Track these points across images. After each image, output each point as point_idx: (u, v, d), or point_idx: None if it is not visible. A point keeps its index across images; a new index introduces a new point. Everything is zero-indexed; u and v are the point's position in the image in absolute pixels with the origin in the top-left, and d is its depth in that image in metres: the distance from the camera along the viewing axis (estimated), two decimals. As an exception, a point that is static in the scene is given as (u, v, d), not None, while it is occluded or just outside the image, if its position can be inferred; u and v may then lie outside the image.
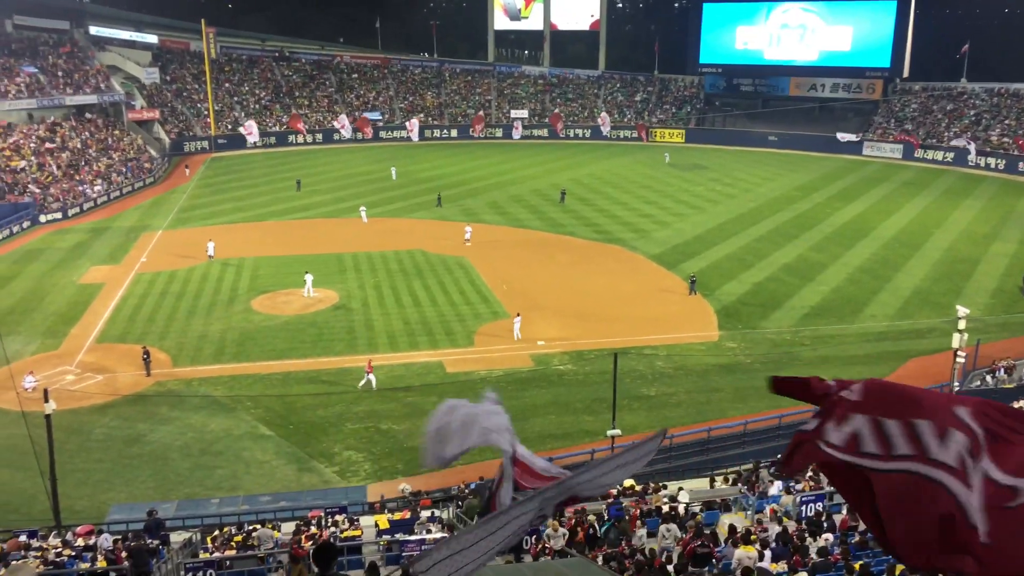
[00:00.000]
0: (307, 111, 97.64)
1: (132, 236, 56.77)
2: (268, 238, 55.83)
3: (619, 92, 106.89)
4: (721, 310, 42.13)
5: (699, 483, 26.14)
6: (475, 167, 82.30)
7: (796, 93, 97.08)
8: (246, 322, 40.51)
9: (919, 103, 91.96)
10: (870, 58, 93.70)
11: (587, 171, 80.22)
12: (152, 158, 79.91)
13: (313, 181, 74.00)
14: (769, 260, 50.36)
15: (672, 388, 34.19)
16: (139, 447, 29.67)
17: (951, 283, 45.82)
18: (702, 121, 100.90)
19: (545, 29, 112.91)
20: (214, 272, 48.19)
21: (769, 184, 74.00)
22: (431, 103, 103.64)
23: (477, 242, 53.27)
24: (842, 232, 56.69)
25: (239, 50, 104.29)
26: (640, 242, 54.54)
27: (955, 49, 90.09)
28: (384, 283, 46.18)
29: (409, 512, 23.61)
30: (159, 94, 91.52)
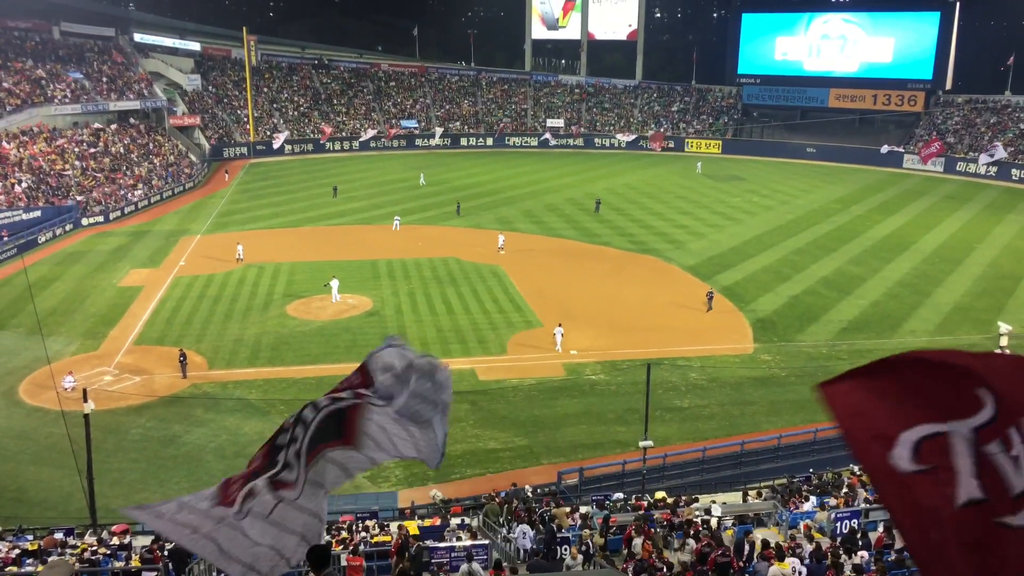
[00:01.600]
0: (344, 119, 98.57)
1: (171, 240, 57.64)
2: (304, 244, 56.37)
3: (656, 102, 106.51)
4: (756, 323, 41.67)
5: (732, 496, 25.82)
6: (510, 175, 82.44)
7: (836, 104, 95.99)
8: (281, 327, 40.88)
9: (962, 115, 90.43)
10: (912, 70, 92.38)
11: (622, 181, 79.97)
12: (192, 163, 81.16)
13: (349, 188, 74.63)
14: (807, 273, 49.74)
15: (705, 400, 33.87)
16: (174, 448, 30.03)
17: (993, 299, 44.89)
18: (739, 132, 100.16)
19: (582, 38, 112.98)
20: (250, 276, 48.74)
21: (807, 196, 73.17)
22: (467, 111, 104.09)
23: (511, 250, 53.31)
24: (881, 246, 55.84)
25: (279, 57, 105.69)
26: (675, 253, 54.19)
27: (1000, 61, 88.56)
28: (418, 290, 46.36)
29: (439, 519, 23.60)
30: (200, 100, 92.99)
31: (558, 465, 28.77)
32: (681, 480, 28.76)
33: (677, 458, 29.23)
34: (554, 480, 27.85)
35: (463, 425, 31.63)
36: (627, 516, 22.87)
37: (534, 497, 25.32)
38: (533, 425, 31.81)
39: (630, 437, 29.53)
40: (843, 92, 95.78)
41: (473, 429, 31.36)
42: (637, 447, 27.60)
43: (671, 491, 26.07)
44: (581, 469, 27.89)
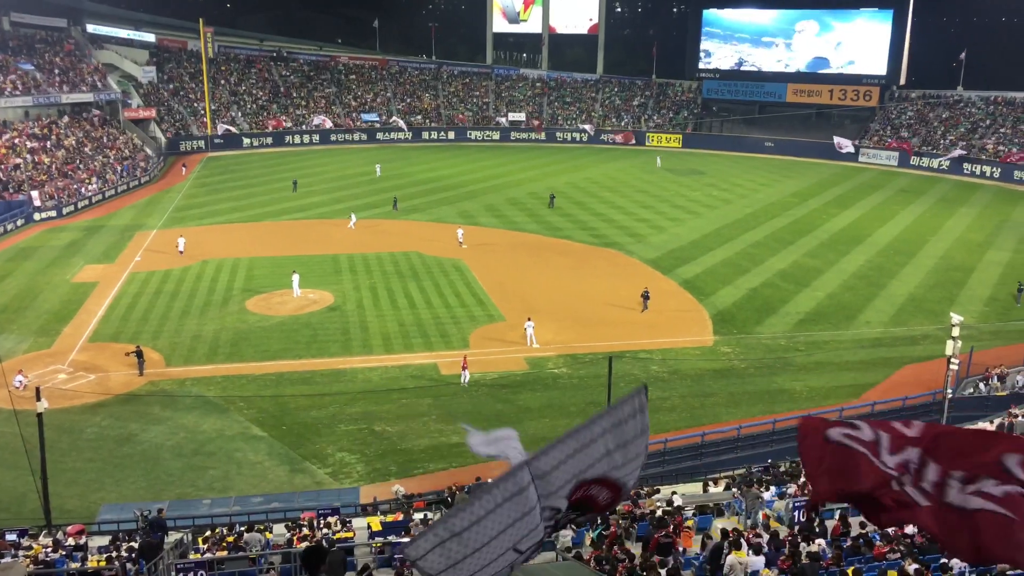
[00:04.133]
0: (304, 112, 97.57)
1: (126, 235, 56.63)
2: (263, 238, 55.73)
3: (617, 96, 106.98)
4: (716, 315, 42.13)
5: (693, 487, 26.12)
6: (471, 169, 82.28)
7: (793, 99, 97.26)
8: (240, 322, 40.40)
9: (915, 111, 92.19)
10: (867, 65, 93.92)
11: (584, 175, 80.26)
12: (148, 157, 79.74)
13: (309, 182, 73.90)
14: (765, 266, 50.39)
15: (666, 392, 34.16)
16: (131, 447, 29.56)
17: (945, 291, 45.90)
18: (699, 126, 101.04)
19: (543, 32, 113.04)
20: (208, 272, 48.08)
21: (766, 190, 74.10)
22: (428, 105, 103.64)
23: (473, 244, 53.24)
24: (837, 239, 56.77)
25: (237, 50, 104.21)
26: (636, 246, 54.55)
27: (952, 57, 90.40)
28: (379, 284, 46.12)
29: (402, 514, 23.53)
30: (156, 93, 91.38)
31: (521, 458, 28.76)
32: (643, 472, 28.95)
33: (639, 450, 29.40)
34: (517, 473, 27.85)
35: (425, 420, 31.57)
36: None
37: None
38: (496, 419, 31.79)
39: (592, 430, 29.62)
40: (800, 87, 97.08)
41: (436, 424, 31.31)
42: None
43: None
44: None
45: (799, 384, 34.85)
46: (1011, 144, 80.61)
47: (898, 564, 14.43)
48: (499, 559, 4.16)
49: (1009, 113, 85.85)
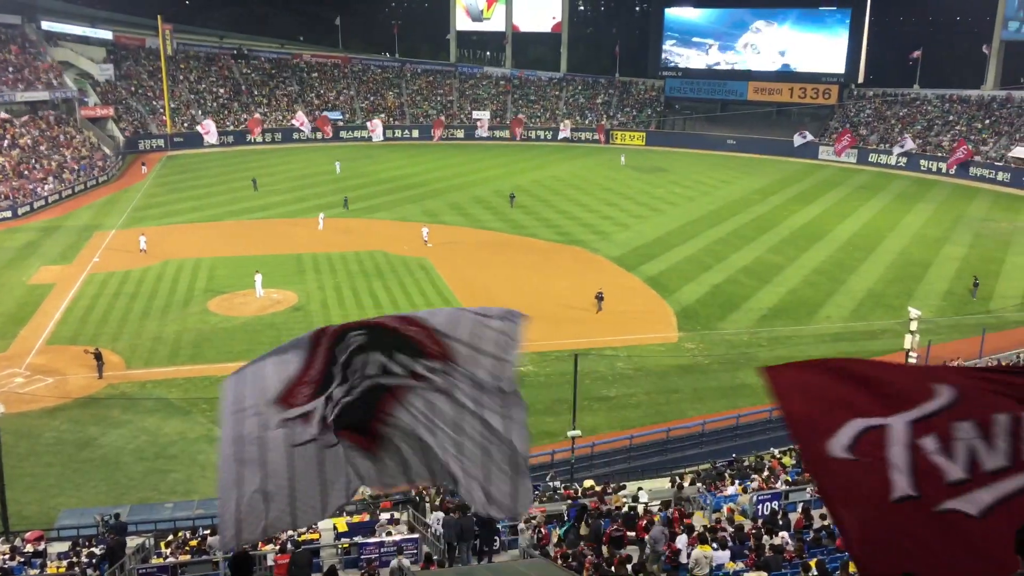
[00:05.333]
0: (266, 110, 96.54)
1: (84, 235, 55.61)
2: (225, 238, 55.06)
3: (581, 94, 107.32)
4: (680, 311, 42.48)
5: (659, 483, 26.32)
6: (436, 168, 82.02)
7: (755, 98, 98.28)
8: (202, 323, 39.89)
9: (873, 108, 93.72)
10: (826, 64, 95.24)
11: (549, 173, 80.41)
12: (106, 156, 78.36)
13: (272, 181, 73.16)
14: (728, 262, 50.91)
15: (632, 389, 34.39)
16: (90, 451, 29.04)
17: (903, 285, 46.73)
18: (662, 124, 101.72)
19: (507, 30, 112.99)
20: (169, 272, 47.39)
21: (728, 187, 74.84)
22: (392, 103, 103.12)
23: (438, 243, 53.10)
24: (798, 235, 57.52)
25: (196, 47, 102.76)
26: (601, 244, 54.80)
27: (908, 55, 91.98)
28: (344, 284, 45.81)
29: (368, 515, 23.42)
30: (113, 91, 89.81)
31: (488, 457, 28.77)
32: (609, 468, 29.18)
33: (605, 447, 29.64)
34: (484, 472, 27.86)
35: (392, 419, 31.40)
36: (558, 505, 23.10)
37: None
38: (462, 418, 31.76)
39: (559, 427, 29.79)
40: (761, 86, 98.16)
41: (402, 423, 31.16)
42: (566, 437, 27.90)
43: (599, 479, 26.44)
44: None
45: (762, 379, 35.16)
46: (967, 141, 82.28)
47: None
48: (306, 470, 4.05)
49: (963, 111, 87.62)
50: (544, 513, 21.72)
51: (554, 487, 25.70)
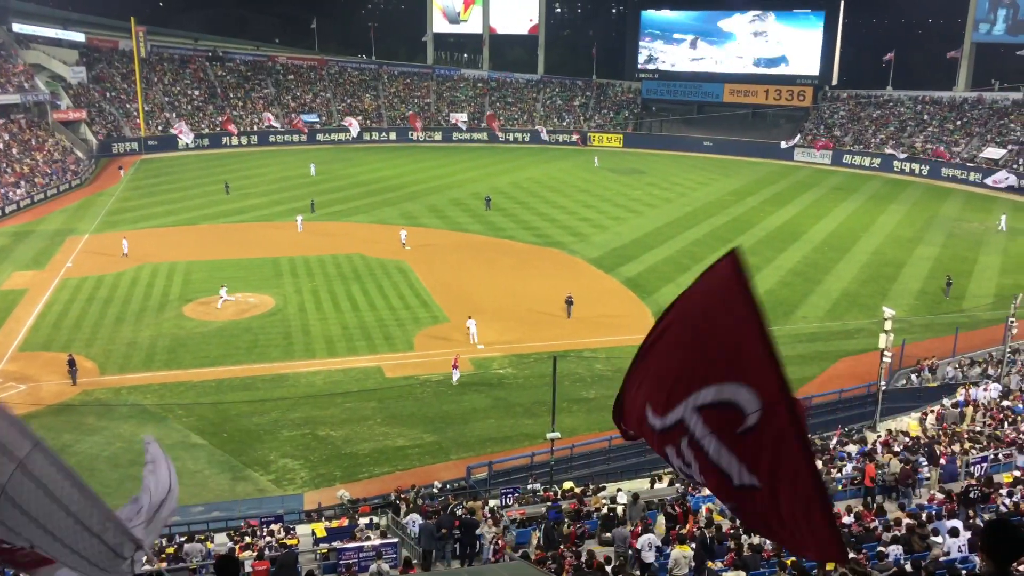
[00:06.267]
0: (242, 112, 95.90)
1: (57, 240, 54.91)
2: (201, 242, 54.58)
3: (558, 96, 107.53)
4: (658, 313, 42.48)
5: (638, 484, 26.36)
6: (414, 170, 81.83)
7: (730, 99, 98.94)
8: (177, 328, 39.51)
9: (847, 110, 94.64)
10: (800, 66, 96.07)
11: (526, 175, 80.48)
12: (78, 160, 77.49)
13: (248, 184, 72.67)
14: (705, 263, 49.94)
15: (611, 391, 34.31)
16: (65, 458, 28.45)
17: (878, 285, 47.19)
18: (639, 126, 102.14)
19: (484, 33, 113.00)
20: (144, 277, 46.91)
21: (704, 188, 75.26)
22: (369, 105, 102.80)
23: (416, 245, 52.96)
24: (774, 236, 57.94)
25: (171, 49, 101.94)
26: (579, 245, 54.90)
27: (881, 58, 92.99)
28: (322, 287, 45.56)
29: (347, 519, 23.30)
30: (86, 94, 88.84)
31: (467, 460, 28.78)
32: (589, 470, 29.19)
33: (584, 448, 29.66)
34: (463, 475, 27.86)
35: (370, 423, 31.31)
36: (537, 507, 23.09)
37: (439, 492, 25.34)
38: (441, 421, 31.73)
39: (538, 429, 29.80)
40: (737, 88, 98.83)
41: (380, 427, 31.07)
42: (545, 439, 27.88)
43: (579, 481, 26.45)
44: (490, 463, 27.98)
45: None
46: (938, 142, 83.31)
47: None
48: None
49: (936, 112, 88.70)
50: (523, 515, 21.73)
51: (533, 490, 25.70)
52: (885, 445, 24.66)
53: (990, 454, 22.72)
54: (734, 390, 3.67)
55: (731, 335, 3.70)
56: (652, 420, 3.92)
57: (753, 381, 3.61)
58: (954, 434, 25.11)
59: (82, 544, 3.65)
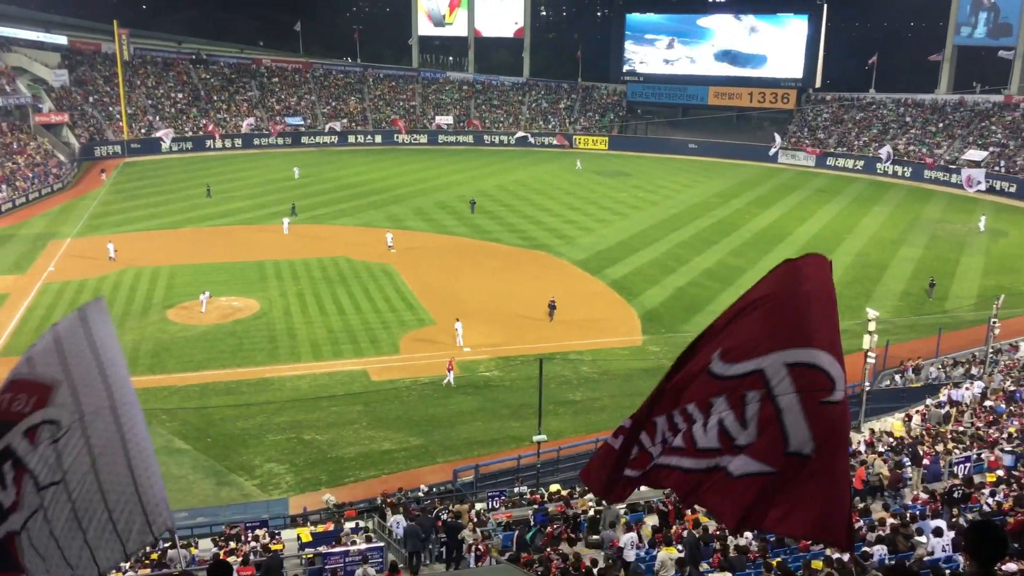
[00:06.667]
0: (226, 115, 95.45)
1: (39, 244, 54.44)
2: (185, 245, 54.26)
3: (543, 99, 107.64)
4: (644, 314, 42.71)
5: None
6: (399, 173, 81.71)
7: (715, 102, 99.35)
8: (161, 332, 39.25)
9: (831, 112, 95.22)
10: (784, 69, 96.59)
11: (512, 177, 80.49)
12: (61, 163, 76.90)
13: (232, 187, 72.34)
14: (691, 265, 51.32)
15: (597, 393, 34.47)
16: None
17: (862, 286, 47.46)
18: (624, 129, 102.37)
19: (469, 36, 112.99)
20: (127, 281, 46.58)
21: (690, 191, 75.50)
22: (355, 108, 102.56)
23: (402, 248, 52.85)
24: (760, 238, 58.18)
25: (154, 52, 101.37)
26: (565, 248, 54.94)
27: (864, 61, 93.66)
28: (307, 290, 45.37)
29: (333, 524, 23.18)
30: (68, 97, 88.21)
31: (454, 463, 28.72)
32: (575, 472, 29.14)
33: (571, 451, 29.63)
34: (450, 478, 27.79)
35: (356, 427, 31.18)
36: (524, 510, 23.06)
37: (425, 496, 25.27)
38: (428, 424, 31.65)
39: (524, 432, 29.78)
40: (721, 90, 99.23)
41: (366, 431, 30.95)
42: (531, 442, 27.86)
43: (565, 484, 26.42)
44: (477, 466, 27.92)
45: (725, 381, 35.47)
46: (921, 144, 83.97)
47: (822, 554, 14.82)
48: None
49: (918, 115, 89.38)
50: (510, 519, 21.70)
51: (520, 492, 25.65)
52: (869, 445, 24.81)
53: (973, 454, 22.88)
54: (830, 362, 3.85)
55: (829, 317, 4.01)
56: (716, 366, 3.93)
57: (842, 363, 3.87)
58: (938, 434, 25.27)
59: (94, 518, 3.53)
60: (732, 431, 3.88)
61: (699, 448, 3.98)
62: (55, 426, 3.59)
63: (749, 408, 3.87)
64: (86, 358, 3.70)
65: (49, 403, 3.61)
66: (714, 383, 3.98)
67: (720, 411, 3.94)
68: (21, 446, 3.61)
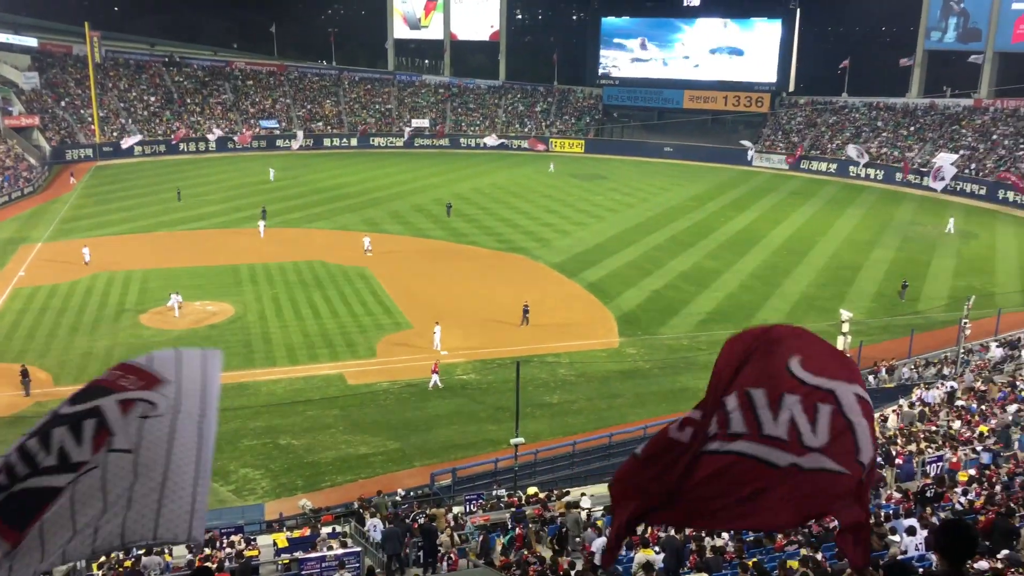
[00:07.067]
0: (200, 118, 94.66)
1: (8, 249, 53.66)
2: (158, 250, 53.70)
3: (520, 102, 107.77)
4: (621, 317, 42.84)
5: (602, 488, 26.41)
6: (375, 176, 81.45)
7: (690, 106, 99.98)
8: (134, 337, 38.80)
9: (804, 116, 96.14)
10: (758, 73, 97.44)
11: (488, 180, 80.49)
12: (31, 167, 75.90)
13: (206, 190, 71.74)
14: (667, 268, 51.56)
15: (574, 395, 34.53)
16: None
17: (835, 288, 47.91)
18: (601, 132, 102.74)
19: (445, 39, 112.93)
20: (99, 286, 46.02)
21: (666, 194, 75.89)
22: (330, 111, 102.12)
23: (378, 252, 52.65)
24: (735, 240, 58.58)
25: (126, 54, 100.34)
26: (542, 251, 55.00)
27: (837, 65, 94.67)
28: (283, 295, 45.07)
29: (309, 529, 23.01)
30: (39, 100, 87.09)
31: (431, 466, 28.64)
32: (552, 475, 29.20)
33: (548, 453, 29.66)
34: (427, 482, 27.70)
35: (332, 432, 31.00)
36: (502, 513, 23.04)
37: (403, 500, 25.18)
38: (405, 428, 31.54)
39: (502, 435, 29.75)
40: (696, 94, 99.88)
41: (343, 435, 30.78)
42: (509, 445, 27.85)
43: (543, 486, 26.45)
44: (454, 470, 27.86)
45: (702, 382, 35.33)
46: (893, 147, 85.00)
47: (797, 554, 14.92)
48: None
49: (890, 118, 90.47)
50: (488, 522, 21.66)
51: (498, 495, 25.63)
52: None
53: (946, 453, 23.15)
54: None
55: None
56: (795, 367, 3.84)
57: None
58: (911, 434, 25.55)
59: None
60: (802, 430, 3.78)
61: (764, 434, 3.78)
62: (151, 406, 3.74)
63: (821, 417, 3.81)
64: (196, 380, 3.92)
65: (153, 389, 3.78)
66: (790, 381, 3.89)
67: (791, 407, 3.83)
68: (112, 412, 3.72)
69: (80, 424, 3.66)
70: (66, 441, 3.64)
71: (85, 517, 3.59)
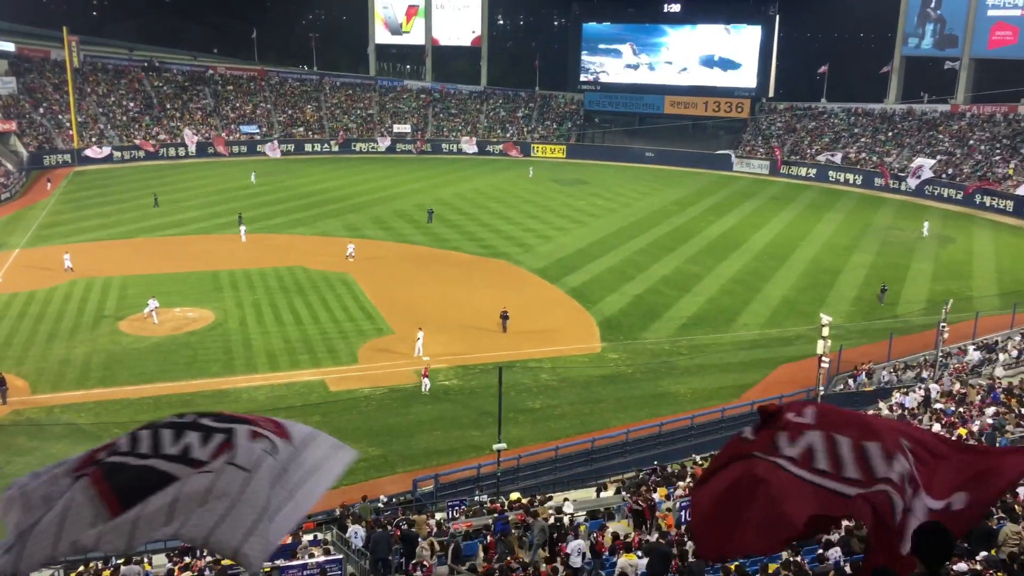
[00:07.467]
0: (179, 123, 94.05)
1: (-14, 255, 53.06)
2: (137, 256, 53.26)
3: (502, 108, 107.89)
4: (603, 322, 42.93)
5: (584, 493, 26.45)
6: (357, 181, 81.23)
7: (671, 111, 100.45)
8: (113, 344, 38.45)
9: (783, 121, 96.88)
10: (738, 78, 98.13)
11: (470, 186, 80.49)
12: (8, 172, 75.09)
13: (186, 196, 71.26)
14: (648, 272, 51.73)
15: (556, 400, 34.55)
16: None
17: (815, 292, 48.26)
18: (582, 137, 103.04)
19: (427, 44, 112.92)
20: (77, 292, 45.56)
21: (647, 199, 76.18)
22: (311, 117, 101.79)
23: (360, 258, 52.48)
24: (716, 245, 58.89)
25: (105, 59, 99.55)
26: (524, 256, 55.04)
27: (815, 71, 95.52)
28: (263, 300, 44.81)
29: (290, 537, 22.82)
30: (16, 105, 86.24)
31: (413, 473, 28.55)
32: (535, 480, 29.19)
33: (531, 459, 29.65)
34: (410, 488, 27.61)
35: (314, 438, 30.78)
36: (483, 519, 22.99)
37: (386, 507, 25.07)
38: (387, 434, 31.43)
39: (484, 441, 29.71)
40: (677, 100, 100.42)
41: (325, 442, 30.57)
42: (491, 450, 27.82)
43: (526, 491, 26.42)
44: (436, 476, 27.78)
45: (683, 387, 35.89)
46: (872, 152, 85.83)
47: (778, 558, 14.98)
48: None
49: (868, 123, 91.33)
50: (470, 527, 21.60)
51: (481, 501, 25.58)
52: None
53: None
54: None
55: None
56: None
57: None
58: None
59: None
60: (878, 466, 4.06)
61: (844, 476, 3.99)
62: (274, 447, 4.08)
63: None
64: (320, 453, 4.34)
65: (281, 439, 4.15)
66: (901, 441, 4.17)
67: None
68: (242, 435, 4.05)
69: (211, 434, 4.01)
70: (194, 441, 3.97)
71: (183, 514, 3.82)
